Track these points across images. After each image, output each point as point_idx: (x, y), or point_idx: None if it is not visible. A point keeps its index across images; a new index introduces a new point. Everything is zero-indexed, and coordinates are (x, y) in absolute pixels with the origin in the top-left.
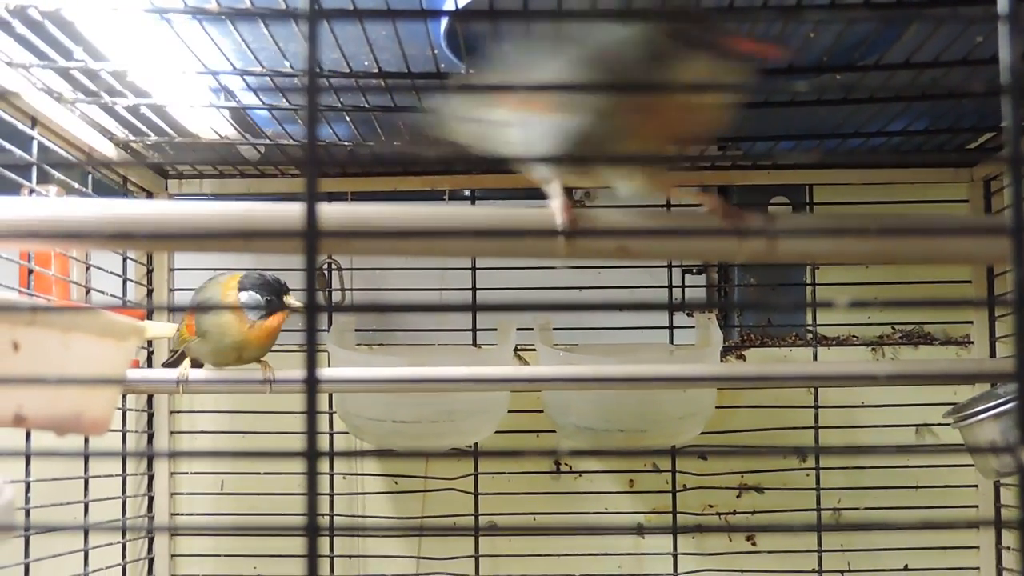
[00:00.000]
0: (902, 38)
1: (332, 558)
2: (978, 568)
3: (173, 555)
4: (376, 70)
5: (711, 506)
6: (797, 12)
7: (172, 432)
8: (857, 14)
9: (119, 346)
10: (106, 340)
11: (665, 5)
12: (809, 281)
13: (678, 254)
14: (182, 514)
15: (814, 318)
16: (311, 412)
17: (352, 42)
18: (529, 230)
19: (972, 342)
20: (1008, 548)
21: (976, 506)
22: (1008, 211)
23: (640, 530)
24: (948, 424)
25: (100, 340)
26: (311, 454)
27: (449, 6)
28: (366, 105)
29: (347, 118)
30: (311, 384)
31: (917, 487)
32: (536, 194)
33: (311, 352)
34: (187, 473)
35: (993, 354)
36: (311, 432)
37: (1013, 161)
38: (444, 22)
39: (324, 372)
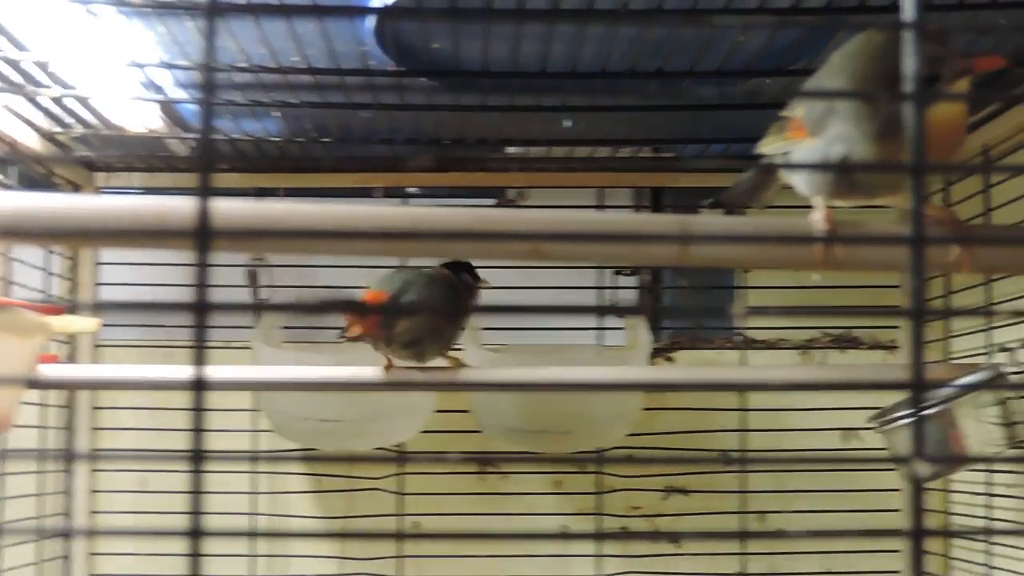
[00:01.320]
0: (831, 44)
1: (255, 557)
2: (898, 572)
3: (92, 553)
4: (280, 68)
5: (637, 508)
6: (698, 17)
7: (94, 428)
8: (754, 19)
9: (22, 342)
10: (9, 336)
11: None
12: (739, 284)
13: (601, 257)
14: (103, 512)
15: (744, 319)
16: (197, 414)
17: (280, 38)
18: (410, 232)
19: (899, 347)
20: (929, 553)
21: (899, 510)
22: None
23: (565, 534)
24: (873, 428)
25: (2, 336)
26: (196, 455)
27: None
28: (294, 101)
29: (276, 113)
30: (198, 386)
31: (842, 491)
32: (472, 192)
33: (199, 354)
34: (108, 470)
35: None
36: (197, 432)
37: (914, 170)
38: (372, 19)
39: (213, 372)
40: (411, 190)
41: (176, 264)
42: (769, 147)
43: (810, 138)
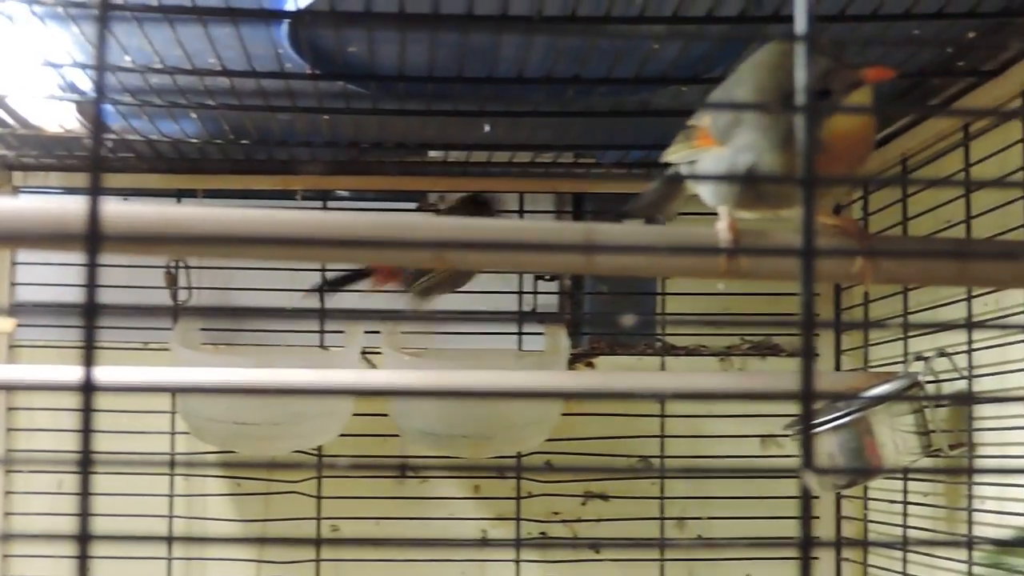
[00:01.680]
0: (746, 53)
1: (170, 560)
2: None
3: (5, 556)
4: (194, 70)
5: (556, 513)
6: (603, 28)
7: (9, 429)
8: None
9: None
10: None
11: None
12: (660, 291)
13: (506, 265)
14: (17, 514)
15: (663, 327)
16: (86, 416)
17: (194, 40)
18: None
19: (818, 354)
20: (848, 560)
21: (818, 516)
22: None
23: (484, 540)
24: (789, 436)
25: None
26: (84, 460)
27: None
28: (210, 103)
29: (193, 115)
30: (87, 390)
31: (762, 497)
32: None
33: (88, 356)
34: (23, 472)
35: (838, 367)
36: (85, 435)
37: (805, 183)
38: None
39: (106, 374)
40: (341, 192)
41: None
42: (675, 156)
43: (717, 147)
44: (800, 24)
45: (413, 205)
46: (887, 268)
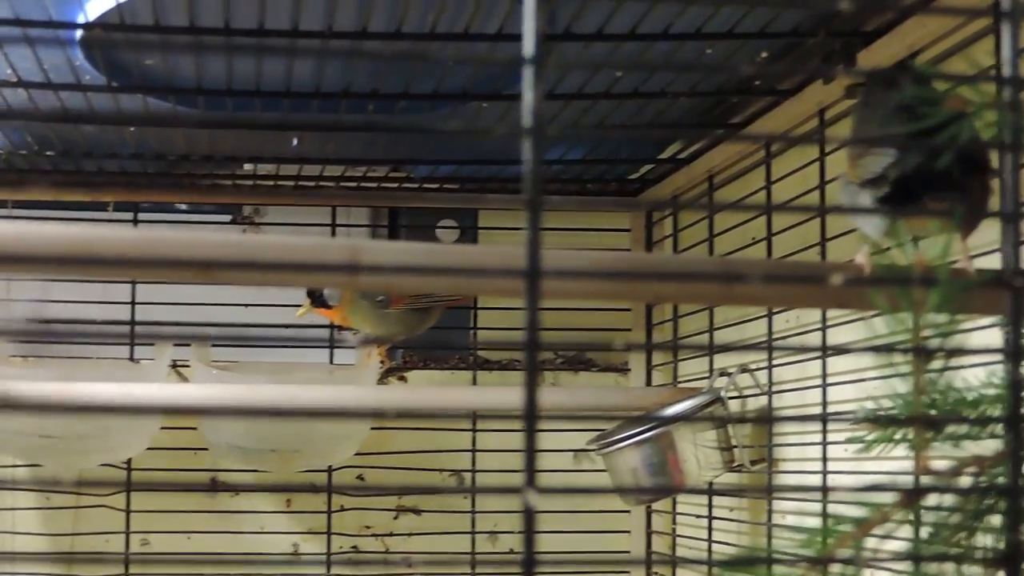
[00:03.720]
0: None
1: None
2: None
3: None
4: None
5: (368, 528)
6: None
7: None
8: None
9: None
10: None
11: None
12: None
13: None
14: None
15: (475, 338)
16: None
17: None
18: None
19: (630, 369)
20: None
21: (628, 531)
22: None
23: (295, 555)
24: (592, 451)
25: None
26: None
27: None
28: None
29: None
30: None
31: (575, 512)
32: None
33: None
34: None
35: (649, 382)
36: None
37: (530, 204)
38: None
39: None
40: (181, 206)
41: None
42: None
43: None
44: (528, 46)
45: (227, 218)
46: (654, 288)
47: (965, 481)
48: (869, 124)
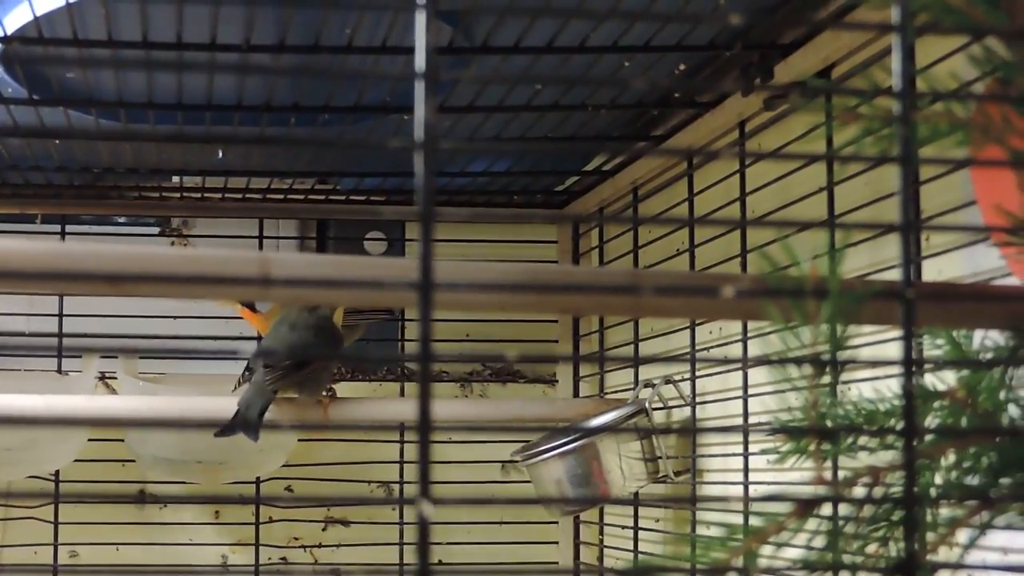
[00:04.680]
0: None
1: None
2: None
3: None
4: None
5: (297, 539)
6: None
7: None
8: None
9: None
10: None
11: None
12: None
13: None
14: None
15: (402, 350)
16: None
17: None
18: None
19: (558, 380)
20: None
21: (557, 542)
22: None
23: (224, 566)
24: (517, 462)
25: None
26: None
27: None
28: None
29: None
30: None
31: (504, 522)
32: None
33: None
34: None
35: (577, 393)
36: None
37: (423, 217)
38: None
39: None
40: (103, 216)
41: None
42: None
43: None
44: (420, 60)
45: (155, 230)
46: (557, 301)
47: (860, 491)
48: None
